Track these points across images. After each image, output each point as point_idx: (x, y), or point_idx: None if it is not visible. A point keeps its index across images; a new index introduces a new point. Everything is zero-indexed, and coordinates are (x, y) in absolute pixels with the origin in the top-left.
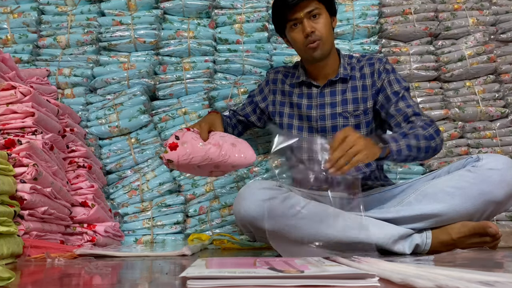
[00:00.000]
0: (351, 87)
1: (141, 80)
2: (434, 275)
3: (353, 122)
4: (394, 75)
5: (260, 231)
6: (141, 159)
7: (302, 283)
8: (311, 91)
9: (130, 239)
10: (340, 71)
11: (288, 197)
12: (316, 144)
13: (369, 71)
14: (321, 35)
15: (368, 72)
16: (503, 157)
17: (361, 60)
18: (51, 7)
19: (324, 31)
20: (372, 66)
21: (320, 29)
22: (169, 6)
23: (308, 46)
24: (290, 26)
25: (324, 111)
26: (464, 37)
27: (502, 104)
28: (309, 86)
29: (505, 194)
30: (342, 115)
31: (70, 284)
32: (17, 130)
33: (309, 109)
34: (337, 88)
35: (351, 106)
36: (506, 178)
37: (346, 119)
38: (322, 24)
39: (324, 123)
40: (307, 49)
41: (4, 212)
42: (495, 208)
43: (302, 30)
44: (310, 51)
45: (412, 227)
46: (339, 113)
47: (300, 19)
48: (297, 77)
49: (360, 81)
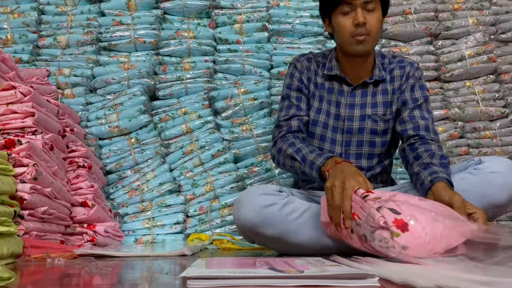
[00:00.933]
0: (381, 90)
1: (141, 80)
2: (434, 275)
3: (382, 127)
4: (419, 82)
5: (260, 237)
6: (141, 159)
7: (302, 283)
8: (342, 88)
9: (130, 239)
10: (375, 73)
11: (288, 202)
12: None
13: (399, 73)
14: (371, 30)
15: (398, 75)
16: (506, 160)
17: (392, 62)
18: (51, 7)
19: (375, 27)
20: (403, 69)
21: (372, 24)
22: (169, 6)
23: (355, 38)
24: (341, 10)
25: (353, 112)
26: (464, 37)
27: (502, 104)
28: (340, 82)
29: (507, 197)
30: (372, 117)
31: (70, 284)
32: (17, 130)
33: (337, 107)
34: (369, 89)
35: (381, 109)
36: (508, 181)
37: (375, 123)
38: (375, 19)
39: (351, 124)
40: (353, 40)
41: (4, 212)
42: (497, 210)
43: (353, 18)
44: (355, 44)
45: None
46: (369, 115)
47: (354, 6)
48: (329, 69)
49: (390, 84)
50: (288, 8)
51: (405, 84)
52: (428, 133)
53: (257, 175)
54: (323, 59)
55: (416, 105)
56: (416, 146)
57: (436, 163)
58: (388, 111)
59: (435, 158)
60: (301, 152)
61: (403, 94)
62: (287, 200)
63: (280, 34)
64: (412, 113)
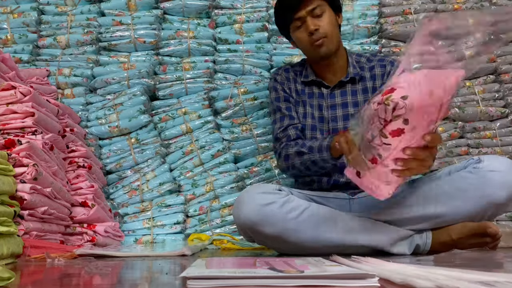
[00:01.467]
0: (361, 88)
1: (141, 80)
2: (434, 275)
3: None
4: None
5: (260, 236)
6: (141, 159)
7: (302, 283)
8: (321, 91)
9: (130, 239)
10: (350, 71)
11: (287, 201)
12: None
13: (380, 72)
14: (326, 32)
15: (379, 73)
16: (505, 159)
17: (372, 60)
18: (51, 7)
19: (328, 28)
20: (384, 68)
21: (324, 27)
22: (169, 6)
23: (314, 44)
24: (294, 27)
25: (335, 112)
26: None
27: (502, 104)
28: (319, 86)
29: (506, 196)
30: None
31: (70, 284)
32: (17, 130)
33: (320, 110)
34: (348, 89)
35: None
36: (508, 180)
37: None
38: (325, 21)
39: (336, 124)
40: (313, 47)
41: (4, 212)
42: (496, 209)
43: (305, 29)
44: (316, 49)
45: (412, 228)
46: (351, 114)
47: (303, 18)
48: (306, 76)
49: (371, 82)
50: None
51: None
52: None
53: (257, 175)
54: (300, 68)
55: None
56: None
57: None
58: None
59: None
60: (306, 145)
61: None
62: (286, 199)
63: (280, 34)
64: None
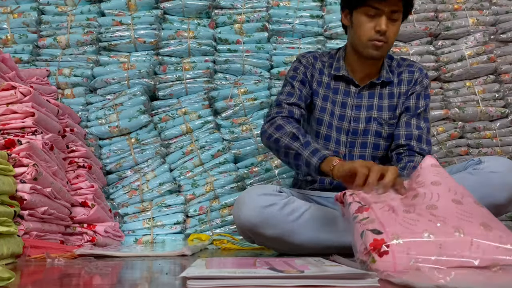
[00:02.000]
0: (388, 93)
1: (141, 80)
2: (434, 275)
3: (387, 130)
4: (426, 91)
5: (260, 238)
6: (141, 159)
7: (302, 283)
8: (349, 89)
9: (130, 239)
10: (383, 74)
11: (288, 202)
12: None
13: (407, 78)
14: (389, 39)
15: (406, 79)
16: (505, 160)
17: (401, 65)
18: (51, 7)
19: (393, 37)
20: (412, 74)
21: (392, 33)
22: (169, 6)
23: (373, 43)
24: (366, 11)
25: (359, 113)
26: (464, 37)
27: (502, 104)
28: (347, 83)
29: (506, 197)
30: (377, 120)
31: (70, 284)
32: (17, 130)
33: (343, 108)
34: (376, 91)
35: (387, 113)
36: (508, 181)
37: (381, 126)
38: (396, 29)
39: (357, 125)
40: (370, 44)
41: (4, 212)
42: (497, 210)
43: (376, 24)
44: (371, 48)
45: None
46: (375, 117)
47: (381, 12)
48: (337, 69)
49: (398, 87)
50: (288, 8)
51: (412, 90)
52: (420, 144)
53: (257, 175)
54: (330, 59)
55: (416, 113)
56: (402, 157)
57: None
58: (393, 115)
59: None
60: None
61: (408, 100)
62: (287, 201)
63: (280, 34)
64: (409, 120)
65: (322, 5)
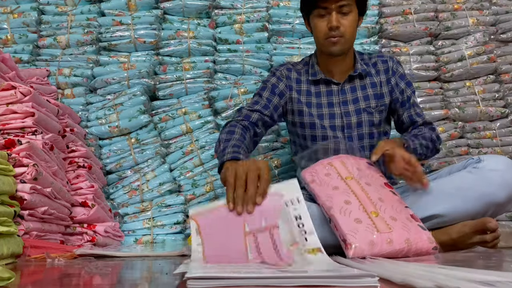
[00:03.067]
0: (370, 83)
1: (141, 80)
2: (434, 274)
3: (377, 118)
4: (405, 79)
5: None
6: (141, 159)
7: (303, 283)
8: (331, 89)
9: (130, 239)
10: (358, 67)
11: None
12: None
13: (383, 67)
14: (345, 33)
15: (382, 68)
16: (504, 158)
17: (372, 57)
18: (51, 7)
19: (349, 30)
20: (386, 63)
21: (346, 26)
22: (169, 6)
23: (329, 40)
24: (317, 13)
25: (348, 108)
26: (464, 37)
27: (502, 104)
28: (327, 84)
29: (506, 195)
30: (367, 110)
31: (70, 284)
32: (17, 130)
33: (330, 107)
34: (356, 84)
35: (374, 101)
36: (507, 179)
37: (371, 115)
38: (349, 22)
39: (349, 119)
40: (327, 42)
41: (4, 212)
42: (496, 209)
43: (327, 22)
44: (329, 45)
45: None
46: (363, 108)
47: (329, 10)
48: (313, 74)
49: (377, 77)
50: (288, 8)
51: (393, 79)
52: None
53: None
54: (305, 66)
55: (410, 104)
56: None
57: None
58: (380, 103)
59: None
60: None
61: (393, 93)
62: None
63: (280, 34)
64: (410, 113)
65: None
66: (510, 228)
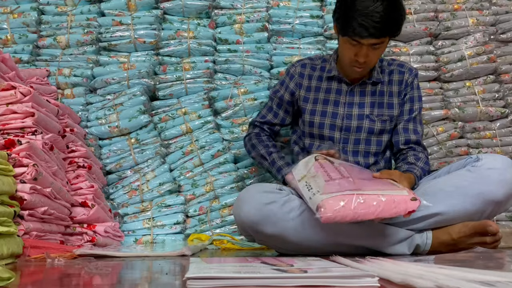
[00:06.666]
0: (379, 91)
1: (141, 80)
2: (434, 275)
3: (379, 127)
4: (418, 92)
5: (260, 235)
6: (141, 159)
7: (303, 283)
8: (341, 88)
9: (130, 239)
10: (374, 74)
11: (288, 200)
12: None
13: (397, 78)
14: (370, 63)
15: (397, 79)
16: (502, 157)
17: (391, 64)
18: (51, 7)
19: (375, 60)
20: (402, 75)
21: (373, 59)
22: (169, 6)
23: (353, 68)
24: (348, 39)
25: (351, 110)
26: (464, 37)
27: (502, 104)
28: (339, 82)
29: (504, 193)
30: (369, 117)
31: (70, 284)
32: (17, 130)
33: (336, 106)
34: (367, 89)
35: (377, 110)
36: (505, 178)
37: (373, 122)
38: (377, 55)
39: (350, 122)
40: (350, 67)
41: (4, 212)
42: (495, 208)
43: (356, 52)
44: (352, 70)
45: (412, 228)
46: (367, 114)
47: (362, 45)
48: (329, 71)
49: (388, 86)
50: (288, 8)
51: (404, 91)
52: (418, 146)
53: (257, 175)
54: (322, 63)
55: (411, 117)
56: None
57: (418, 165)
58: (386, 112)
59: (420, 161)
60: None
61: (402, 104)
62: (287, 198)
63: (280, 34)
64: (406, 125)
65: (322, 5)
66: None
